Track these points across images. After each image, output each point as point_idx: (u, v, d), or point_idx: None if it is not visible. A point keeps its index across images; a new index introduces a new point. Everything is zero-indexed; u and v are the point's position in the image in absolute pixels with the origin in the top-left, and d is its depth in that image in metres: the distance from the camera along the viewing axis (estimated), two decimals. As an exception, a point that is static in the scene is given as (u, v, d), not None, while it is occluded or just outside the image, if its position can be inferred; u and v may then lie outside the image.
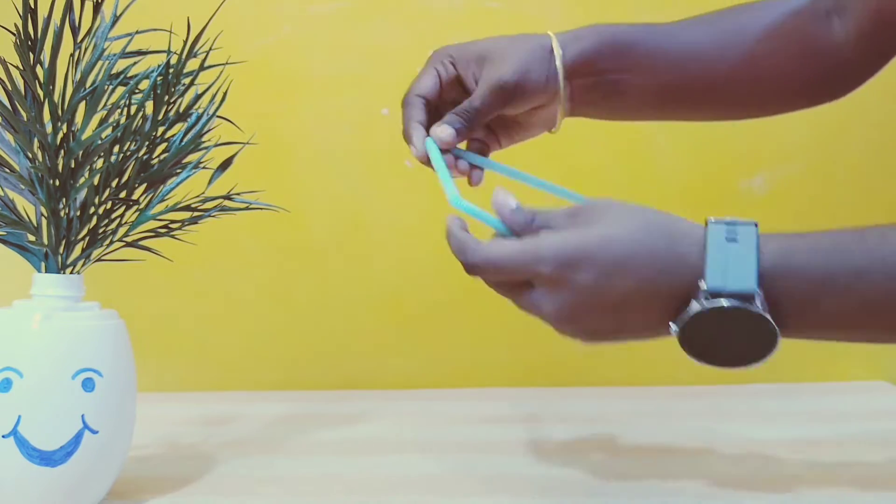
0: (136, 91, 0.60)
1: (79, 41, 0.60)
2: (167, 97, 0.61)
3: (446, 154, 0.62)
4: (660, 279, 0.51)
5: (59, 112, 0.57)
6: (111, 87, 0.61)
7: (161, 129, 0.61)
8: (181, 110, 0.62)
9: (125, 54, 0.61)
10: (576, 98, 0.65)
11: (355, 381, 1.00)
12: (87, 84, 0.58)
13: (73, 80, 0.59)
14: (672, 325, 0.51)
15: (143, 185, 0.61)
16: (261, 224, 0.88)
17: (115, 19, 0.62)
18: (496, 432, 0.79)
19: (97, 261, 0.61)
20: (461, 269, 0.57)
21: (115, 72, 0.61)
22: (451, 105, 0.63)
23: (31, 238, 0.59)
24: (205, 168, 0.64)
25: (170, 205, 0.62)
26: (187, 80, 0.62)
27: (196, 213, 0.63)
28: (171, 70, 0.61)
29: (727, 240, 0.50)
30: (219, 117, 0.64)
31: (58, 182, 0.58)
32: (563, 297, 0.52)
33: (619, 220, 0.52)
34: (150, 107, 0.61)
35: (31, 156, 0.58)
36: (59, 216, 0.58)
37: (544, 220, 0.54)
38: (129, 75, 0.62)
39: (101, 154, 0.58)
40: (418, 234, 0.96)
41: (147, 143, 0.60)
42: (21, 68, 0.56)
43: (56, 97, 0.57)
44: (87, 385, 0.55)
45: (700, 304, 0.50)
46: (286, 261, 1.00)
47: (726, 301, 0.49)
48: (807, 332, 0.52)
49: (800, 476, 0.63)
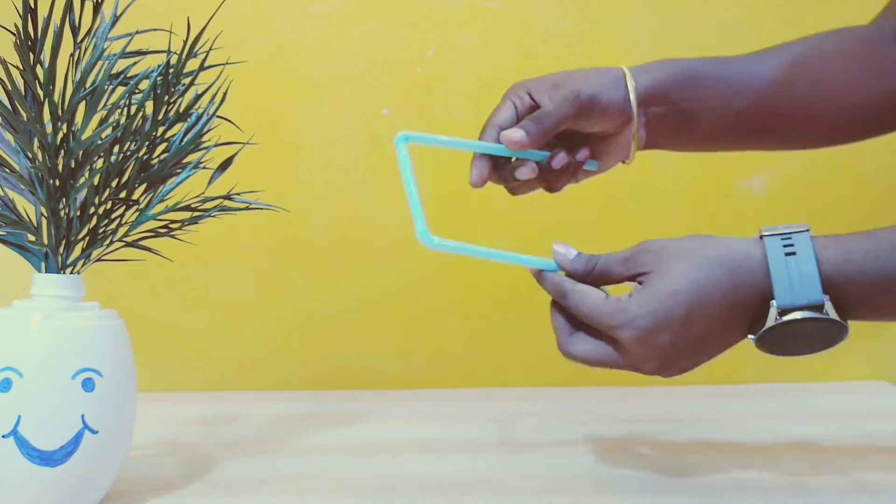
0: (136, 91, 0.60)
1: (79, 41, 0.60)
2: (167, 97, 0.61)
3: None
4: (732, 311, 0.55)
5: (59, 112, 0.57)
6: (111, 87, 0.61)
7: (161, 129, 0.61)
8: (181, 110, 0.62)
9: (125, 54, 0.61)
10: (651, 126, 0.66)
11: (355, 381, 1.00)
12: (87, 84, 0.58)
13: (73, 80, 0.59)
14: (750, 337, 0.56)
15: (143, 185, 0.61)
16: (261, 224, 0.88)
17: (115, 19, 0.62)
18: (496, 432, 0.79)
19: (97, 261, 0.61)
20: (461, 270, 0.57)
21: (115, 72, 0.61)
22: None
23: (31, 238, 0.59)
24: (205, 168, 0.64)
25: (170, 205, 0.62)
26: (187, 80, 0.62)
27: (196, 213, 0.63)
28: (171, 70, 0.61)
29: (786, 254, 0.53)
30: (219, 117, 0.64)
31: (58, 182, 0.58)
32: (649, 355, 0.56)
33: (678, 267, 0.55)
34: (150, 107, 0.61)
35: (31, 156, 0.58)
36: (59, 216, 0.58)
37: (604, 265, 0.58)
38: (129, 75, 0.62)
39: (101, 154, 0.58)
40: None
41: (147, 143, 0.60)
42: (21, 68, 0.56)
43: (56, 97, 0.57)
44: (87, 385, 0.55)
45: (775, 320, 0.54)
46: (286, 261, 1.00)
47: (798, 314, 0.53)
48: (863, 319, 0.55)
49: (800, 476, 0.63)
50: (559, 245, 0.60)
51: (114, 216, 0.61)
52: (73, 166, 0.58)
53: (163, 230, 0.62)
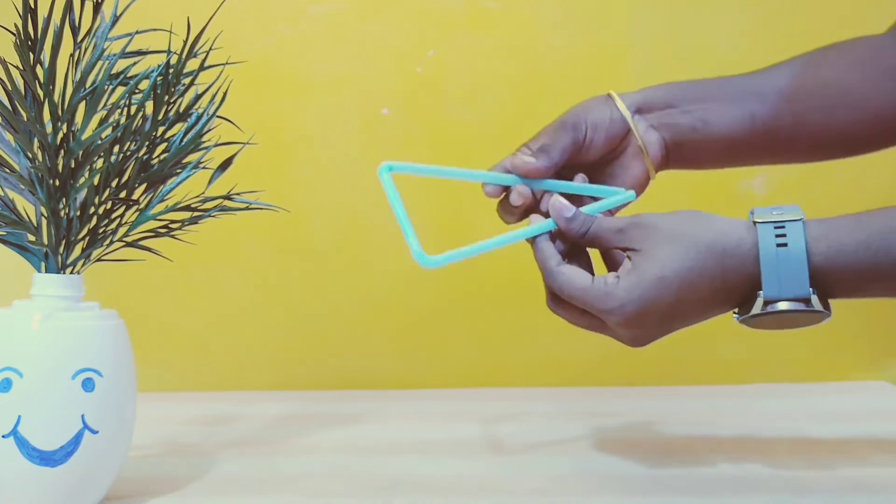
0: (136, 91, 0.60)
1: (79, 41, 0.60)
2: (167, 97, 0.61)
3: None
4: (719, 294, 0.56)
5: (59, 112, 0.57)
6: (111, 87, 0.61)
7: (161, 129, 0.61)
8: (181, 110, 0.62)
9: (125, 54, 0.61)
10: (660, 130, 0.65)
11: (355, 381, 1.00)
12: (87, 84, 0.58)
13: (73, 80, 0.59)
14: (735, 316, 0.57)
15: (143, 185, 0.61)
16: (261, 224, 0.88)
17: (115, 19, 0.62)
18: (496, 432, 0.79)
19: (97, 261, 0.61)
20: (461, 270, 0.58)
21: (115, 72, 0.61)
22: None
23: (31, 238, 0.59)
24: (205, 168, 0.64)
25: (170, 205, 0.62)
26: (187, 80, 0.62)
27: (196, 213, 0.63)
28: (171, 70, 0.61)
29: (777, 245, 0.54)
30: (219, 117, 0.64)
31: (58, 182, 0.58)
32: (633, 334, 0.57)
33: (668, 251, 0.55)
34: (150, 107, 0.61)
35: (31, 156, 0.58)
36: (59, 216, 0.58)
37: (597, 230, 0.59)
38: (129, 75, 0.62)
39: (101, 154, 0.58)
40: (418, 234, 0.96)
41: (147, 143, 0.60)
42: (21, 68, 0.56)
43: (56, 97, 0.57)
44: (87, 385, 0.55)
45: (759, 309, 0.55)
46: (286, 261, 1.00)
47: (784, 304, 0.54)
48: (852, 298, 0.56)
49: (800, 476, 0.63)
50: (557, 199, 0.60)
51: (114, 216, 0.61)
52: (73, 166, 0.58)
53: (163, 230, 0.62)
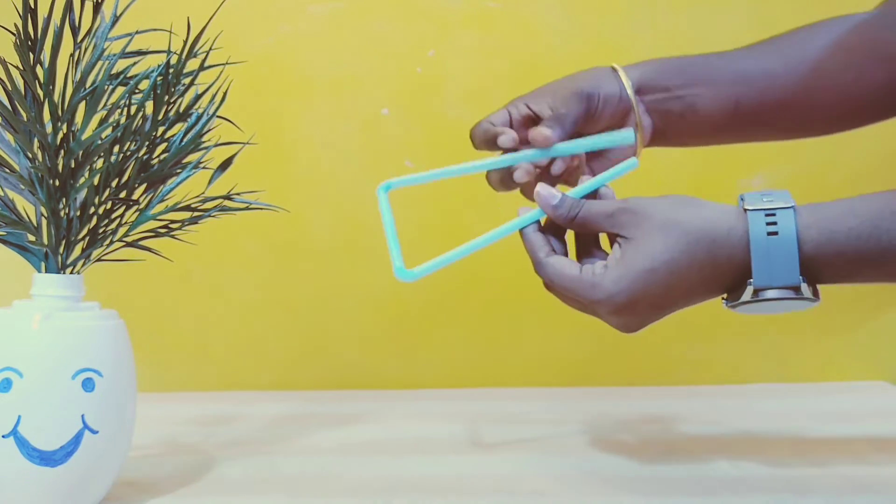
0: (136, 91, 0.60)
1: (79, 41, 0.60)
2: (167, 97, 0.61)
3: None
4: (708, 282, 0.56)
5: (59, 112, 0.57)
6: (111, 87, 0.61)
7: (161, 129, 0.61)
8: (181, 110, 0.62)
9: (125, 54, 0.61)
10: (652, 114, 0.67)
11: (355, 381, 1.00)
12: (87, 84, 0.58)
13: (73, 80, 0.59)
14: (724, 303, 0.57)
15: (143, 185, 0.61)
16: (261, 224, 0.88)
17: (115, 19, 0.62)
18: (496, 432, 0.79)
19: (97, 261, 0.61)
20: (460, 270, 0.58)
21: (115, 72, 0.61)
22: (521, 144, 0.65)
23: (31, 238, 0.59)
24: (205, 168, 0.64)
25: (170, 205, 0.62)
26: (187, 80, 0.62)
27: (196, 213, 0.63)
28: (171, 70, 0.61)
29: (768, 234, 0.53)
30: (219, 117, 0.64)
31: (58, 182, 0.58)
32: (622, 321, 0.57)
33: (658, 242, 0.55)
34: (150, 107, 0.61)
35: (31, 156, 0.58)
36: (59, 216, 0.58)
37: (587, 214, 0.59)
38: (129, 75, 0.62)
39: (101, 154, 0.58)
40: (418, 235, 0.96)
41: (147, 143, 0.60)
42: (21, 68, 0.56)
43: (56, 97, 0.57)
44: (87, 385, 0.55)
45: (749, 297, 0.55)
46: (286, 261, 1.00)
47: (774, 293, 0.54)
48: (842, 284, 0.56)
49: (800, 476, 0.63)
50: (542, 187, 0.60)
51: (114, 216, 0.61)
52: (73, 166, 0.58)
53: (163, 230, 0.62)
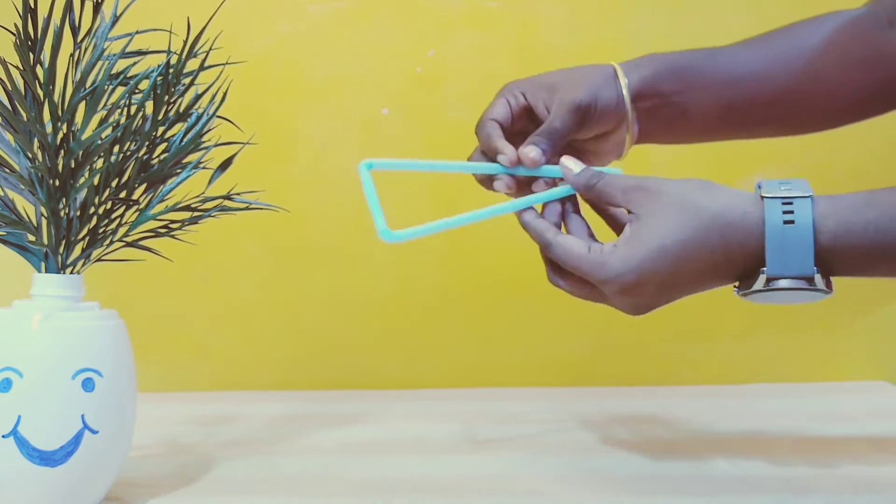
0: (136, 91, 0.60)
1: (79, 41, 0.60)
2: (167, 97, 0.61)
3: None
4: (720, 267, 0.54)
5: (59, 112, 0.57)
6: (111, 87, 0.61)
7: (161, 129, 0.61)
8: (181, 110, 0.62)
9: (125, 54, 0.61)
10: (642, 121, 0.66)
11: (355, 381, 1.00)
12: (87, 84, 0.58)
13: (73, 80, 0.59)
14: (735, 291, 0.56)
15: (143, 185, 0.61)
16: (261, 224, 0.88)
17: (115, 19, 0.62)
18: (496, 432, 0.79)
19: (97, 261, 0.61)
20: (461, 270, 0.58)
21: (115, 72, 0.61)
22: (519, 136, 0.64)
23: (31, 238, 0.59)
24: (205, 168, 0.64)
25: (170, 205, 0.62)
26: (187, 80, 0.62)
27: (196, 213, 0.63)
28: (171, 70, 0.61)
29: (784, 222, 0.53)
30: (219, 117, 0.64)
31: (58, 182, 0.58)
32: (630, 303, 0.56)
33: (670, 221, 0.54)
34: (150, 107, 0.61)
35: (31, 156, 0.58)
36: (59, 216, 0.58)
37: (604, 186, 0.58)
38: (129, 75, 0.62)
39: (101, 154, 0.58)
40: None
41: (147, 143, 0.60)
42: (21, 68, 0.56)
43: (56, 97, 0.57)
44: (87, 385, 0.55)
45: (762, 286, 0.54)
46: (286, 261, 1.00)
47: (787, 282, 0.53)
48: (856, 277, 0.55)
49: (800, 476, 0.63)
50: (567, 159, 0.61)
51: (114, 216, 0.61)
52: (73, 166, 0.58)
53: (163, 230, 0.62)
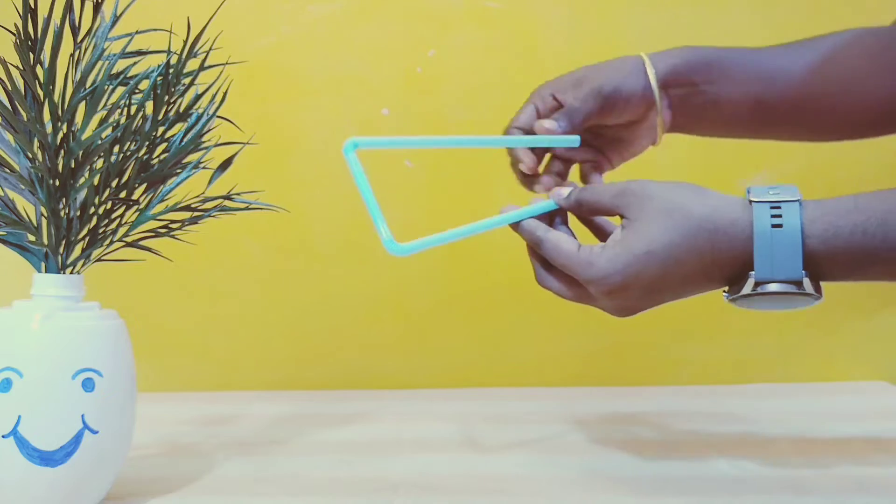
0: (136, 91, 0.60)
1: (79, 41, 0.60)
2: (167, 97, 0.61)
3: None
4: (707, 271, 0.55)
5: (59, 112, 0.57)
6: (111, 87, 0.61)
7: (161, 129, 0.61)
8: (181, 110, 0.62)
9: (125, 54, 0.61)
10: (673, 108, 0.67)
11: (355, 381, 1.00)
12: (87, 84, 0.58)
13: (73, 80, 0.59)
14: (725, 295, 0.56)
15: (143, 185, 0.61)
16: (261, 224, 0.88)
17: (115, 19, 0.62)
18: (496, 432, 0.79)
19: (97, 261, 0.61)
20: (461, 270, 0.58)
21: (115, 72, 0.61)
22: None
23: (31, 238, 0.59)
24: (205, 168, 0.64)
25: (170, 205, 0.62)
26: (187, 80, 0.62)
27: (196, 213, 0.63)
28: (171, 70, 0.61)
29: (772, 226, 0.53)
30: (219, 117, 0.64)
31: (58, 182, 0.58)
32: (617, 304, 0.57)
33: (659, 225, 0.54)
34: (150, 107, 0.61)
35: (31, 156, 0.58)
36: (59, 216, 0.58)
37: (592, 196, 0.59)
38: (129, 75, 0.62)
39: (101, 154, 0.58)
40: (418, 235, 0.96)
41: (147, 143, 0.60)
42: (21, 68, 0.56)
43: (56, 97, 0.57)
44: (87, 385, 0.55)
45: (750, 289, 0.54)
46: (286, 261, 1.00)
47: (775, 286, 0.53)
48: (846, 282, 0.55)
49: (800, 476, 0.63)
50: (558, 188, 0.62)
51: (114, 216, 0.61)
52: (73, 166, 0.58)
53: (163, 230, 0.62)
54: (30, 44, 0.57)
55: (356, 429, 0.81)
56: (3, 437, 0.54)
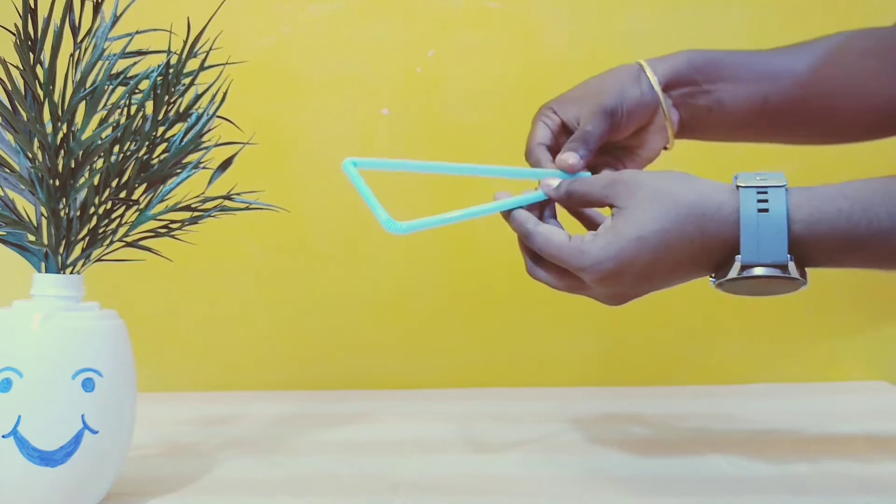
0: (136, 91, 0.60)
1: (79, 41, 0.60)
2: (167, 97, 0.61)
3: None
4: (697, 256, 0.55)
5: (59, 112, 0.57)
6: (111, 87, 0.61)
7: (161, 129, 0.61)
8: (181, 110, 0.62)
9: (125, 54, 0.61)
10: (680, 109, 0.67)
11: (355, 381, 1.00)
12: (87, 84, 0.58)
13: (73, 80, 0.59)
14: (711, 280, 0.57)
15: (143, 185, 0.61)
16: (261, 224, 0.88)
17: (115, 19, 0.62)
18: (496, 432, 0.79)
19: (97, 261, 0.61)
20: (461, 270, 0.58)
21: (115, 72, 0.61)
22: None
23: (31, 238, 0.59)
24: (205, 168, 0.64)
25: (170, 205, 0.62)
26: (187, 80, 0.62)
27: (196, 213, 0.63)
28: (171, 70, 0.61)
29: (758, 210, 0.53)
30: (219, 117, 0.64)
31: (58, 182, 0.58)
32: (609, 292, 0.57)
33: (649, 212, 0.55)
34: (150, 107, 0.61)
35: (31, 156, 0.58)
36: (59, 216, 0.58)
37: (583, 188, 0.59)
38: (129, 75, 0.62)
39: (101, 154, 0.58)
40: (418, 234, 0.96)
41: (147, 143, 0.60)
42: (21, 68, 0.56)
43: (56, 97, 0.57)
44: (87, 385, 0.55)
45: (737, 273, 0.54)
46: (286, 261, 1.00)
47: (761, 270, 0.54)
48: (831, 268, 0.56)
49: (800, 476, 0.63)
50: (547, 178, 0.62)
51: (114, 216, 0.61)
52: (73, 166, 0.58)
53: (163, 230, 0.62)
54: (30, 44, 0.57)
55: (356, 429, 0.81)
56: (3, 437, 0.54)
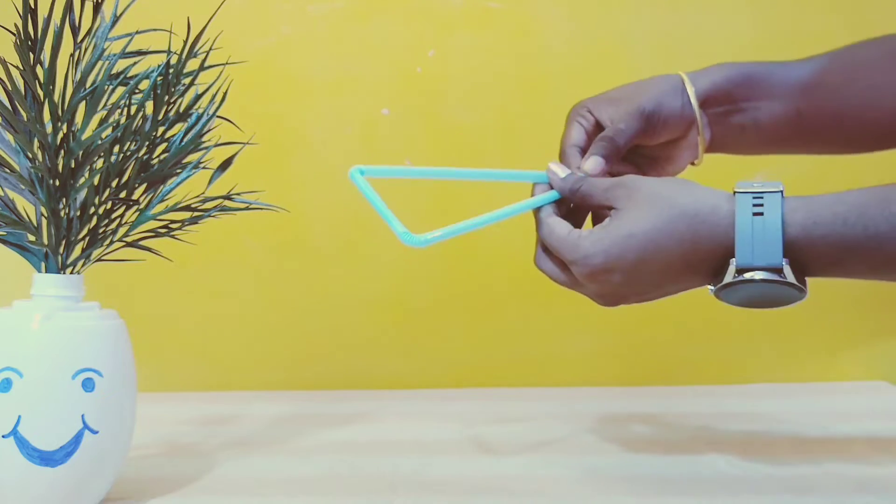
0: (136, 91, 0.60)
1: (79, 41, 0.60)
2: (167, 97, 0.61)
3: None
4: (688, 260, 0.56)
5: (59, 112, 0.57)
6: (111, 87, 0.61)
7: (161, 129, 0.61)
8: (181, 110, 0.62)
9: (125, 54, 0.61)
10: (713, 127, 0.67)
11: (355, 381, 1.00)
12: (87, 84, 0.58)
13: (73, 80, 0.59)
14: (709, 288, 0.57)
15: (143, 185, 0.61)
16: (261, 224, 0.88)
17: (115, 19, 0.62)
18: (496, 432, 0.79)
19: (97, 261, 0.61)
20: (461, 270, 0.58)
21: (115, 72, 0.61)
22: None
23: (31, 238, 0.59)
24: (205, 168, 0.64)
25: (170, 205, 0.62)
26: (187, 80, 0.62)
27: (196, 213, 0.63)
28: (171, 70, 0.61)
29: (754, 214, 0.54)
30: (219, 117, 0.64)
31: (58, 182, 0.58)
32: (598, 289, 0.58)
33: (643, 212, 0.56)
34: (150, 107, 0.61)
35: (31, 156, 0.58)
36: (59, 216, 0.58)
37: (588, 188, 0.60)
38: (129, 75, 0.62)
39: (101, 154, 0.58)
40: (418, 234, 0.96)
41: (147, 143, 0.60)
42: (21, 68, 0.56)
43: (56, 97, 0.57)
44: (87, 385, 0.55)
45: (733, 277, 0.54)
46: (286, 261, 1.00)
47: (756, 274, 0.54)
48: (829, 276, 0.56)
49: (800, 476, 0.63)
50: (554, 164, 0.63)
51: (114, 216, 0.61)
52: (73, 166, 0.58)
53: (163, 230, 0.62)
54: (30, 44, 0.57)
55: (356, 429, 0.81)
56: (3, 437, 0.54)
